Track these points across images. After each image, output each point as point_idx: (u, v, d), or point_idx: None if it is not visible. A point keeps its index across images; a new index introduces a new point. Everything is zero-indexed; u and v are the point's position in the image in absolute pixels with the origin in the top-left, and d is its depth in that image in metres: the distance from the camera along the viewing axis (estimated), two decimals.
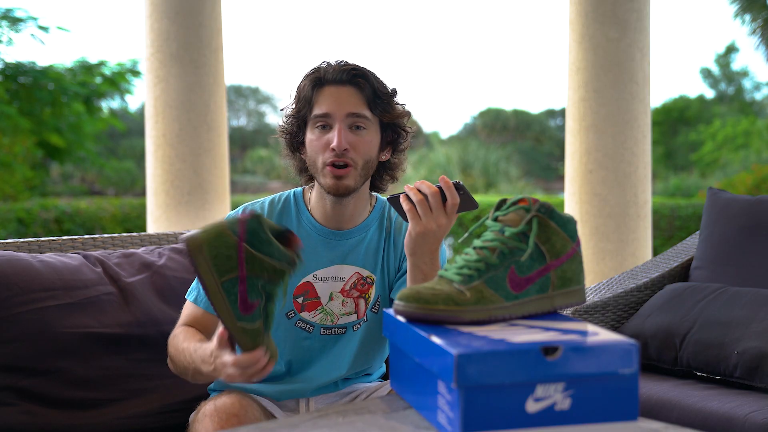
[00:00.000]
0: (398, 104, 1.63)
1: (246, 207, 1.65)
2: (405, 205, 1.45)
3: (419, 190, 1.45)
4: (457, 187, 1.45)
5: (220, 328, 1.29)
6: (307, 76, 1.61)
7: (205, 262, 1.21)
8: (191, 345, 1.46)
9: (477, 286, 1.12)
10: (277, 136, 1.68)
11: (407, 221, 1.48)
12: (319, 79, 1.59)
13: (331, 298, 1.63)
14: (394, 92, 1.62)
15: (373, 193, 1.71)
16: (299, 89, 1.61)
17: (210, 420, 1.50)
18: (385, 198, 1.73)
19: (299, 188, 1.71)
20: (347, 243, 1.64)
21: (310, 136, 1.59)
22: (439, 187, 1.45)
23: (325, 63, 1.61)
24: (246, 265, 1.22)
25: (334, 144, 1.54)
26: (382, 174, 1.67)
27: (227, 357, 1.29)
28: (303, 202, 1.67)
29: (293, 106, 1.62)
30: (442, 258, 1.61)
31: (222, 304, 1.23)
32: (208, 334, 1.54)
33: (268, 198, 1.68)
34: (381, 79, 1.62)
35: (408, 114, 1.64)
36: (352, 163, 1.56)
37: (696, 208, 8.43)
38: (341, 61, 1.61)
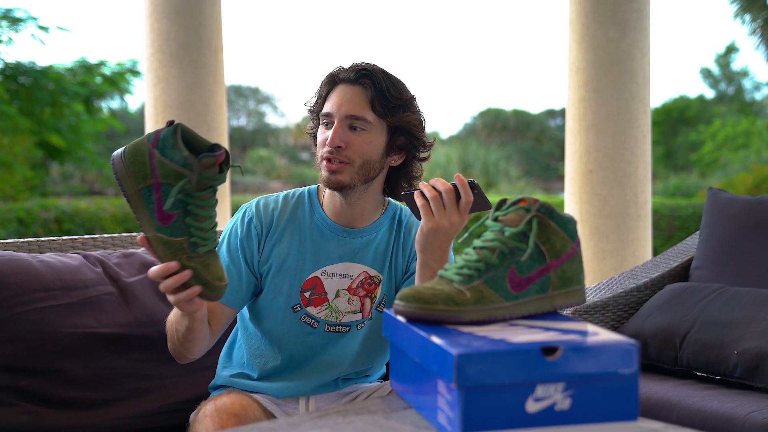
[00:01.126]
0: (412, 110, 1.61)
1: (259, 201, 1.67)
2: (419, 201, 1.46)
3: (434, 187, 1.46)
4: (472, 185, 1.46)
5: (139, 236, 1.30)
6: (325, 75, 1.65)
7: (125, 169, 1.26)
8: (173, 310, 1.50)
9: (477, 286, 1.12)
10: (307, 132, 1.72)
11: (419, 218, 1.49)
12: (333, 78, 1.62)
13: (337, 295, 1.63)
14: (408, 98, 1.61)
15: (386, 198, 1.71)
16: (318, 88, 1.66)
17: (210, 420, 1.50)
18: (397, 202, 1.73)
19: (314, 185, 1.72)
20: (357, 241, 1.65)
21: (318, 132, 1.63)
22: (454, 185, 1.45)
23: (351, 63, 1.63)
24: (157, 171, 1.24)
25: (327, 140, 1.57)
26: (399, 180, 1.66)
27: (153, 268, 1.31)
28: (317, 198, 1.68)
29: (312, 104, 1.67)
30: (452, 258, 1.62)
31: (142, 211, 1.26)
32: (209, 321, 1.57)
33: (282, 193, 1.70)
34: (397, 83, 1.61)
35: (417, 120, 1.61)
36: (348, 161, 1.57)
37: (696, 208, 8.43)
38: (362, 62, 1.62)
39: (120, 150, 1.29)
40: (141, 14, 4.30)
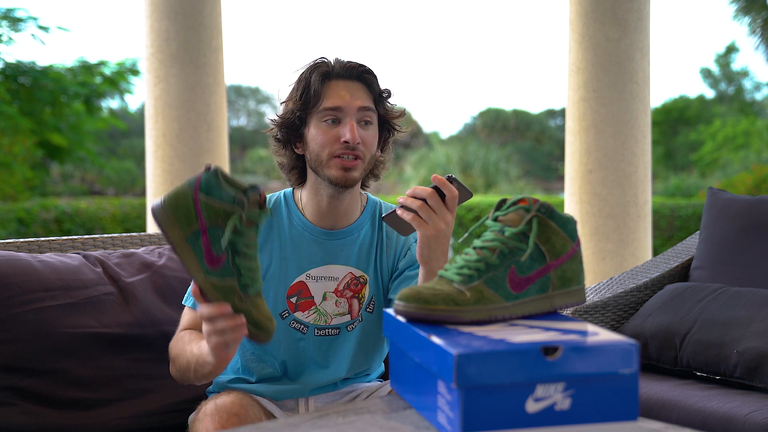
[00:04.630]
0: (391, 103, 1.66)
1: None
2: (406, 216, 1.42)
3: (414, 197, 1.42)
4: (450, 180, 1.45)
5: (192, 284, 1.28)
6: (313, 70, 1.59)
7: (167, 217, 1.25)
8: (197, 343, 1.47)
9: (477, 286, 1.12)
10: (268, 131, 1.67)
11: (406, 234, 1.48)
12: (328, 73, 1.58)
13: (324, 298, 1.63)
14: (389, 92, 1.65)
15: (363, 192, 1.71)
16: (305, 82, 1.59)
17: (210, 419, 1.50)
18: (375, 198, 1.74)
19: (289, 189, 1.71)
20: (339, 242, 1.64)
21: (315, 130, 1.58)
22: (434, 187, 1.44)
23: (325, 59, 1.61)
24: (203, 214, 1.24)
25: (347, 137, 1.54)
26: (368, 173, 1.68)
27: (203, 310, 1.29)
28: (294, 201, 1.67)
29: (298, 99, 1.59)
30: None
31: (189, 257, 1.25)
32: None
33: None
34: None
35: (400, 112, 1.67)
36: (362, 156, 1.57)
37: (696, 208, 8.43)
38: (339, 58, 1.62)
39: (159, 199, 1.28)
40: (141, 14, 4.30)
